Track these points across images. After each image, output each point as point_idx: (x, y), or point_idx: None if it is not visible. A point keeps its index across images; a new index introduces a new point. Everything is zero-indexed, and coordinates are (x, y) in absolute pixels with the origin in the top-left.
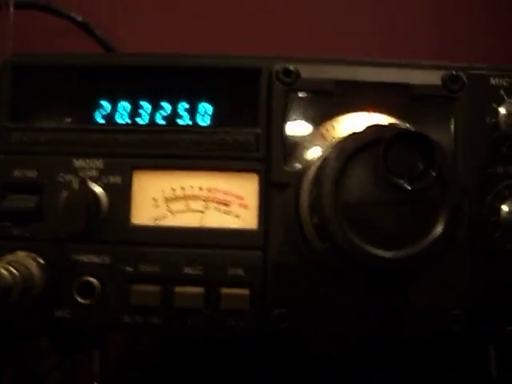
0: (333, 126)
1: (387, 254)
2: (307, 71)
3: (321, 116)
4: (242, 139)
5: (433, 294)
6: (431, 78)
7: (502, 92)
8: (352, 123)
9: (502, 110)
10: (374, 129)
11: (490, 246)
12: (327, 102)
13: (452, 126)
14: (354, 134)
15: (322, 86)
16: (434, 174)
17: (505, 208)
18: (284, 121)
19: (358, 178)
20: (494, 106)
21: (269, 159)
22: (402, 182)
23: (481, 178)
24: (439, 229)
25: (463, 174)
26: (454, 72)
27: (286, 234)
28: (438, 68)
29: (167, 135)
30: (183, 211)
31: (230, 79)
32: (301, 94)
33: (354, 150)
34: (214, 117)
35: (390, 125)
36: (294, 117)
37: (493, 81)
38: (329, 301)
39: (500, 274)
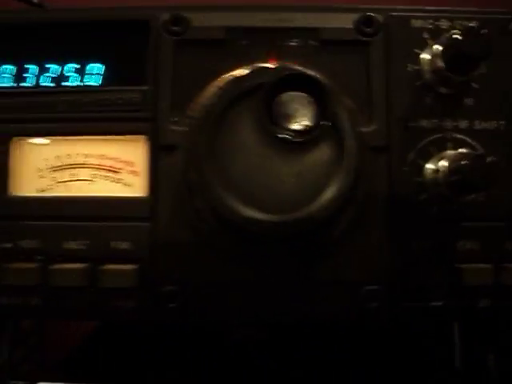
0: None
1: (270, 218)
2: (198, 19)
3: (215, 68)
4: (128, 98)
5: (346, 267)
6: (344, 21)
7: (425, 35)
8: None
9: (426, 56)
10: (258, 72)
11: (412, 211)
12: (221, 52)
13: (368, 74)
14: (236, 78)
15: (213, 33)
16: (325, 124)
17: (429, 167)
18: (173, 76)
19: (241, 130)
20: (417, 51)
21: (156, 119)
22: (288, 133)
23: (401, 133)
24: (331, 190)
25: (380, 127)
26: (367, 14)
27: (175, 204)
28: (351, 10)
29: (49, 97)
30: (70, 181)
31: (118, 34)
32: (191, 45)
33: (234, 96)
34: (105, 77)
35: (278, 67)
36: (184, 71)
37: (414, 23)
38: (226, 277)
39: (424, 244)
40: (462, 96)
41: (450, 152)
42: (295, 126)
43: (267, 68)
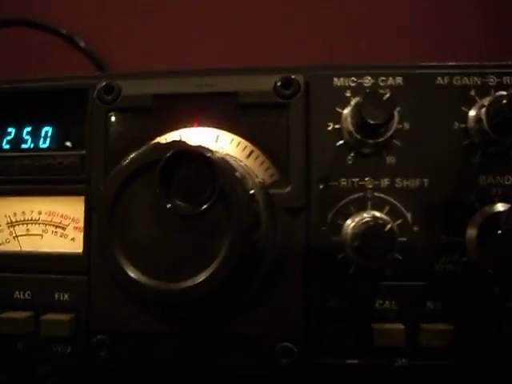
0: None
1: (157, 285)
2: (129, 87)
3: (142, 135)
4: (68, 162)
5: (261, 323)
6: (264, 83)
7: (347, 93)
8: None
9: (347, 114)
10: (152, 149)
11: (329, 270)
12: (148, 119)
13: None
14: (135, 154)
15: (140, 101)
16: (214, 196)
17: (348, 226)
18: (105, 142)
19: (139, 203)
20: (338, 109)
21: (90, 182)
22: (182, 207)
23: (321, 193)
24: (220, 258)
25: (296, 188)
26: (287, 76)
27: None
28: (273, 72)
29: (4, 160)
30: (24, 235)
31: (64, 101)
32: (121, 113)
33: (130, 172)
34: (54, 139)
35: (171, 143)
36: (114, 137)
37: (337, 81)
38: (149, 329)
39: (341, 303)
40: (383, 154)
41: (362, 214)
42: (188, 201)
43: (162, 145)
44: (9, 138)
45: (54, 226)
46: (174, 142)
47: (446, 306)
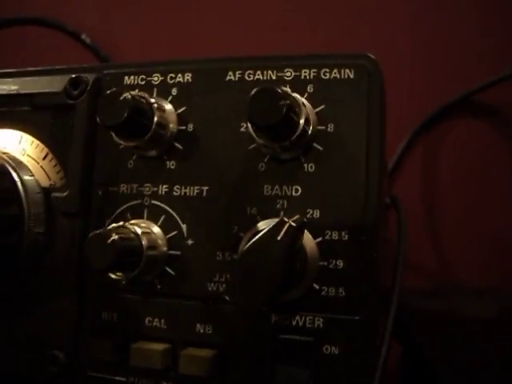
0: None
1: None
2: None
3: None
4: None
5: (36, 328)
6: (57, 84)
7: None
8: None
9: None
10: None
11: (103, 280)
12: None
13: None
14: None
15: None
16: None
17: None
18: None
19: None
20: None
21: None
22: None
23: (100, 198)
24: None
25: (73, 193)
26: (76, 76)
27: None
28: (66, 72)
29: None
30: None
31: None
32: None
33: None
34: None
35: None
36: None
37: (127, 80)
38: None
39: (111, 315)
40: (165, 159)
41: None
42: None
43: None
44: None
45: None
46: None
47: (216, 330)
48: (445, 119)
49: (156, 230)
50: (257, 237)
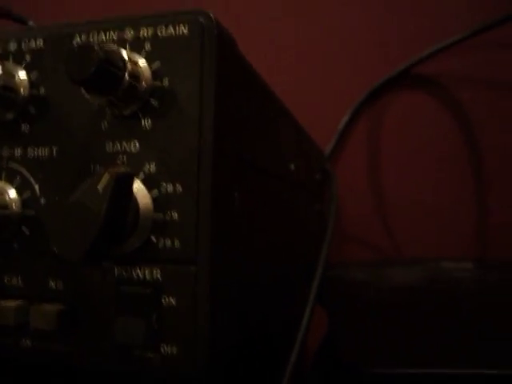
0: None
1: None
2: None
3: None
4: None
5: None
6: None
7: None
8: None
9: None
10: None
11: None
12: None
13: None
14: None
15: None
16: None
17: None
18: None
19: None
20: None
21: None
22: None
23: None
24: None
25: None
26: None
27: None
28: None
29: None
30: None
31: None
32: None
33: None
34: None
35: None
36: None
37: None
38: None
39: None
40: (19, 122)
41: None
42: None
43: None
44: None
45: None
46: None
47: (66, 285)
48: (388, 92)
49: (12, 191)
50: (77, 191)
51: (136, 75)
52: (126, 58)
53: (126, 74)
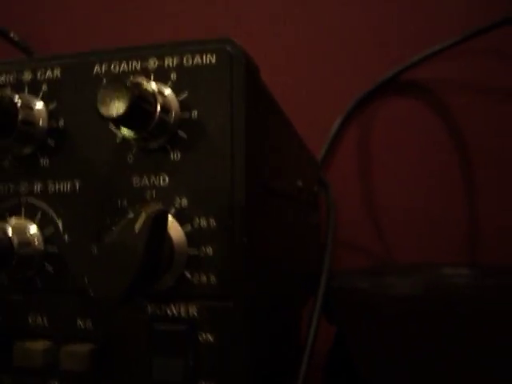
0: None
1: None
2: None
3: None
4: None
5: None
6: None
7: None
8: None
9: None
10: None
11: None
12: None
13: None
14: None
15: None
16: None
17: None
18: None
19: None
20: None
21: None
22: None
23: None
24: None
25: None
26: None
27: None
28: None
29: None
30: None
31: None
32: None
33: None
34: None
35: None
36: None
37: None
38: None
39: None
40: (37, 156)
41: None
42: None
43: None
44: None
45: None
46: None
47: (95, 324)
48: (377, 98)
49: (33, 227)
50: (114, 231)
51: (165, 108)
52: (155, 90)
53: (158, 109)
